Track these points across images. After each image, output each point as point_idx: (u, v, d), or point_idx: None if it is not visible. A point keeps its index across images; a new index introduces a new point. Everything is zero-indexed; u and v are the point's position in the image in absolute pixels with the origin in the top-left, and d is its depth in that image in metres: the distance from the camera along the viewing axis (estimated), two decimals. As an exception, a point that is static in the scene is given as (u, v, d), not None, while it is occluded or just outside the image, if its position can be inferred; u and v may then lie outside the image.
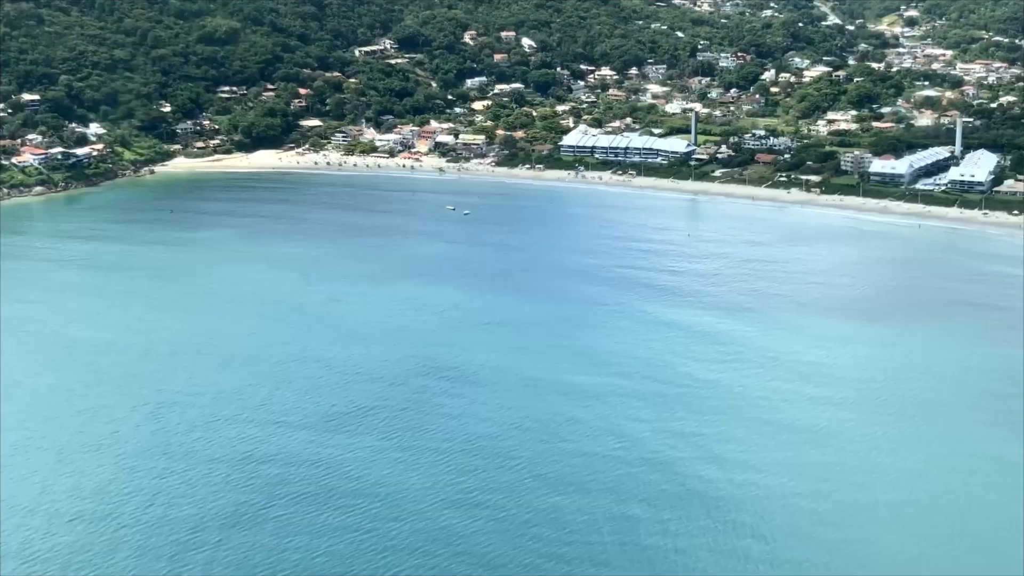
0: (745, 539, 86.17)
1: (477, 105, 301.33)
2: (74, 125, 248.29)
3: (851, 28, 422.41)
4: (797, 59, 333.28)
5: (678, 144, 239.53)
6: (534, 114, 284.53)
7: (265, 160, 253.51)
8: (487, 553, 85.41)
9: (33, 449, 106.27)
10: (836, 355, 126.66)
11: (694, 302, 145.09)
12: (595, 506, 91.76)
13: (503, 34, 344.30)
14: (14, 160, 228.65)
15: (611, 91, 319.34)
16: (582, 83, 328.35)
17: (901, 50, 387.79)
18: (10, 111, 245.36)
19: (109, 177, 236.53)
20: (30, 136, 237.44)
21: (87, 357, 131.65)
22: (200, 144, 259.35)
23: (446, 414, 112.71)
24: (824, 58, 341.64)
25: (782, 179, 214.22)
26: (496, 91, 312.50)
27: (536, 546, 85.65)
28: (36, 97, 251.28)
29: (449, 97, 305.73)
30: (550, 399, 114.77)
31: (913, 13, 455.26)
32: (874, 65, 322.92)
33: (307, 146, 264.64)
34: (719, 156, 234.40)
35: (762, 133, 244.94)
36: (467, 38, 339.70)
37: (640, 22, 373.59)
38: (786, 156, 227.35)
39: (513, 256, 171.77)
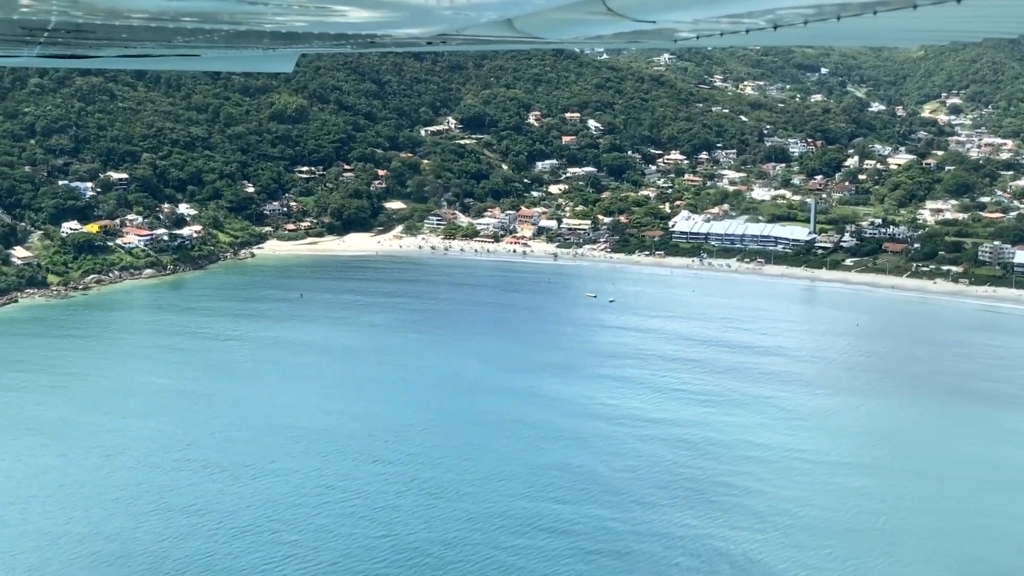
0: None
1: (554, 189, 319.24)
2: (167, 205, 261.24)
3: (902, 114, 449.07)
4: (878, 146, 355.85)
5: (799, 232, 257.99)
6: (629, 198, 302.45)
7: (363, 244, 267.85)
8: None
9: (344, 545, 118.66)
10: None
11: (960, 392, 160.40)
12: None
13: (568, 115, 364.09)
14: (118, 241, 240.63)
15: (686, 176, 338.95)
16: (653, 167, 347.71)
17: (960, 138, 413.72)
18: (99, 190, 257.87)
19: (212, 260, 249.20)
20: (129, 216, 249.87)
21: (323, 445, 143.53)
22: (290, 226, 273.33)
23: (758, 493, 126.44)
24: (897, 145, 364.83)
25: (924, 269, 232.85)
26: (569, 174, 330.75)
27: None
28: (124, 176, 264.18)
29: (525, 180, 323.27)
30: (872, 480, 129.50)
31: (956, 101, 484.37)
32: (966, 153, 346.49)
33: (400, 230, 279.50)
34: (843, 244, 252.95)
35: (879, 222, 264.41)
36: (532, 119, 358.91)
37: (700, 104, 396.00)
38: (916, 246, 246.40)
39: (706, 344, 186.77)
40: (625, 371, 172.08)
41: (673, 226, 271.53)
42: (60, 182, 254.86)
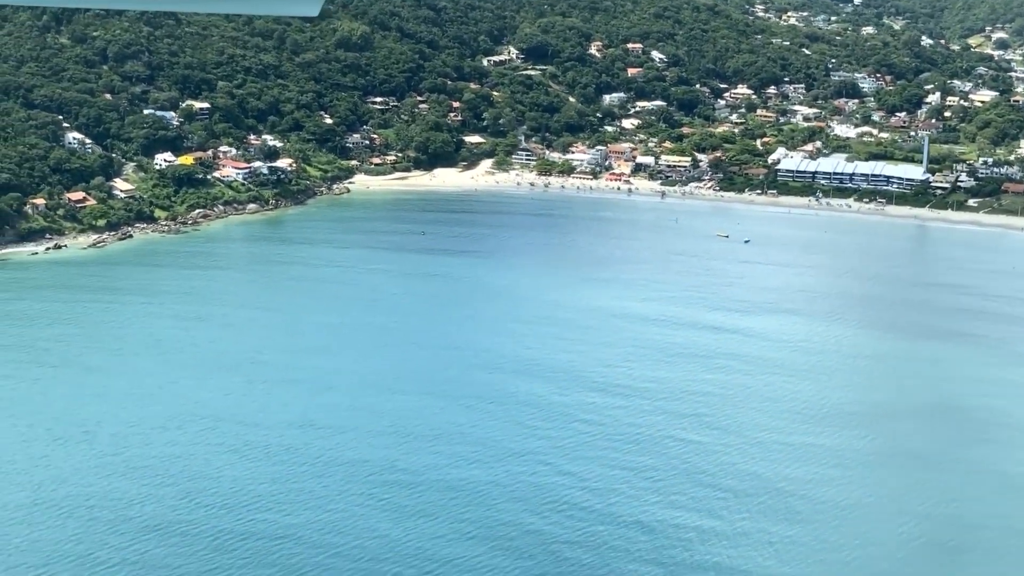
0: None
1: (627, 123, 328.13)
2: (253, 136, 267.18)
3: (956, 49, 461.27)
4: (956, 82, 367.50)
5: (912, 171, 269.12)
6: (715, 134, 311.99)
7: (456, 180, 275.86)
8: None
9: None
10: None
11: None
12: None
13: (630, 46, 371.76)
14: (216, 175, 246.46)
15: (759, 111, 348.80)
16: (722, 102, 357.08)
17: (1019, 74, 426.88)
18: (182, 119, 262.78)
19: (309, 194, 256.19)
20: (222, 148, 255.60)
21: (550, 377, 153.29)
22: (376, 160, 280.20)
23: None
24: (978, 82, 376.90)
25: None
26: (638, 108, 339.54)
27: None
28: (206, 105, 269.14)
29: (598, 115, 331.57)
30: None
31: (1002, 35, 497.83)
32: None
33: (491, 165, 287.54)
34: (961, 184, 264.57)
35: (991, 161, 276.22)
36: (593, 49, 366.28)
37: (759, 36, 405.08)
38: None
39: (879, 282, 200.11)
40: (809, 308, 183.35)
41: (777, 164, 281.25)
42: (145, 111, 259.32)
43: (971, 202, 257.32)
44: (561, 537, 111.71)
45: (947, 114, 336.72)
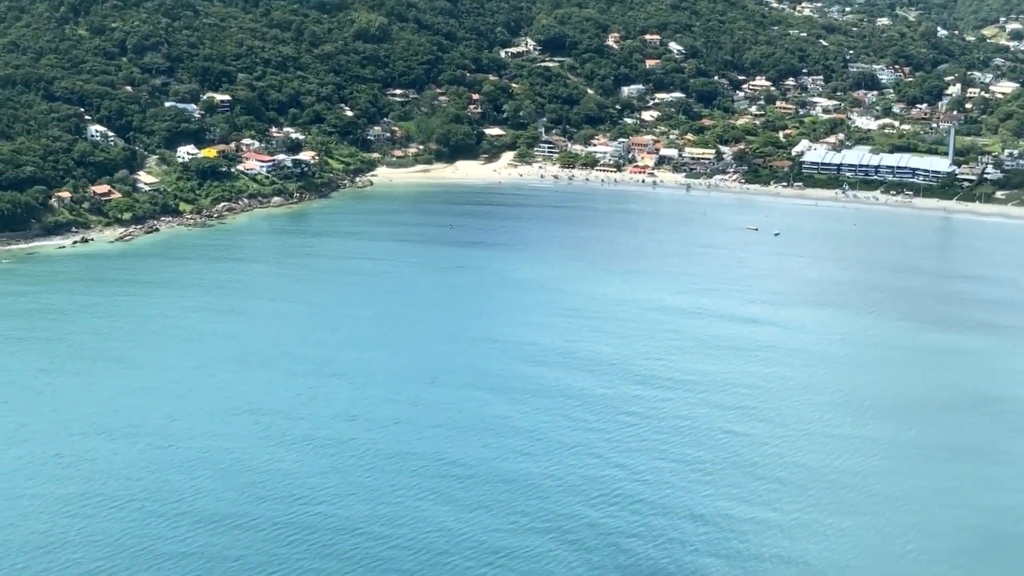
0: None
1: (647, 116, 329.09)
2: (274, 129, 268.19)
3: (971, 39, 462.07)
4: (976, 73, 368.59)
5: (938, 163, 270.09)
6: (737, 126, 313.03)
7: (479, 172, 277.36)
8: None
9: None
10: None
11: None
12: None
13: (647, 37, 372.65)
14: (240, 168, 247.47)
15: (778, 103, 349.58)
16: (740, 93, 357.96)
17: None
18: (203, 112, 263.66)
19: (333, 187, 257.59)
20: (245, 141, 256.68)
21: (607, 371, 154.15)
22: (398, 153, 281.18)
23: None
24: (999, 73, 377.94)
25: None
26: (657, 100, 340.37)
27: None
28: (227, 97, 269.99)
29: (617, 107, 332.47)
30: None
31: (1016, 25, 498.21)
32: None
33: (513, 157, 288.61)
34: (988, 176, 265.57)
35: (1016, 153, 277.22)
36: (611, 41, 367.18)
37: (775, 27, 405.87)
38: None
39: (928, 276, 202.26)
40: (845, 300, 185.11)
41: (801, 156, 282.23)
42: (166, 104, 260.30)
43: (998, 194, 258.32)
44: (619, 529, 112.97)
45: (968, 106, 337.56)
